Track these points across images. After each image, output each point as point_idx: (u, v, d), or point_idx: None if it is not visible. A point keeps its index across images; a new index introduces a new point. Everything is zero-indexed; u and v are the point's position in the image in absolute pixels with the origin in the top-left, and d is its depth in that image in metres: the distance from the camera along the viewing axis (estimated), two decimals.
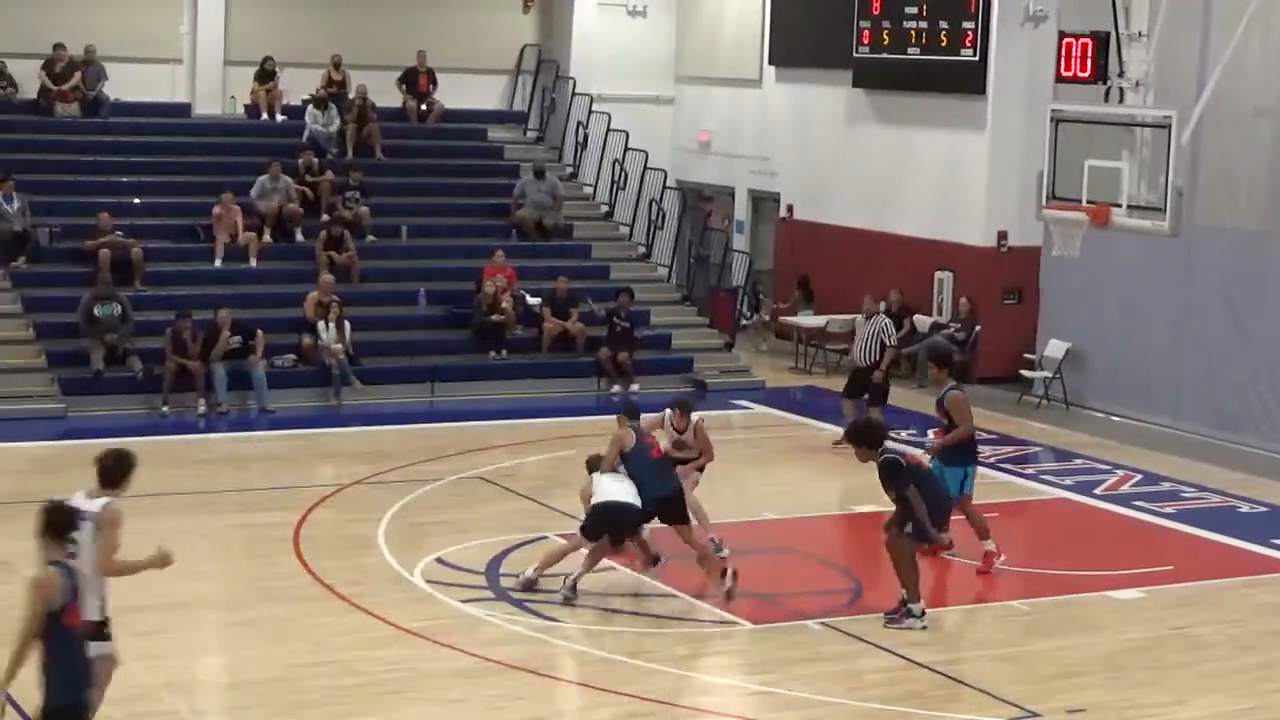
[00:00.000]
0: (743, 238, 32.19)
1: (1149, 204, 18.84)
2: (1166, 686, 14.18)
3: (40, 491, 18.52)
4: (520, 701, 13.32)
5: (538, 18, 33.09)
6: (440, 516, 18.84)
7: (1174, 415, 24.79)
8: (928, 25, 27.71)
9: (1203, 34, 23.14)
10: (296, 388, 24.79)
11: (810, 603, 16.23)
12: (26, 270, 25.64)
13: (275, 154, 28.18)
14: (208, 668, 14.39)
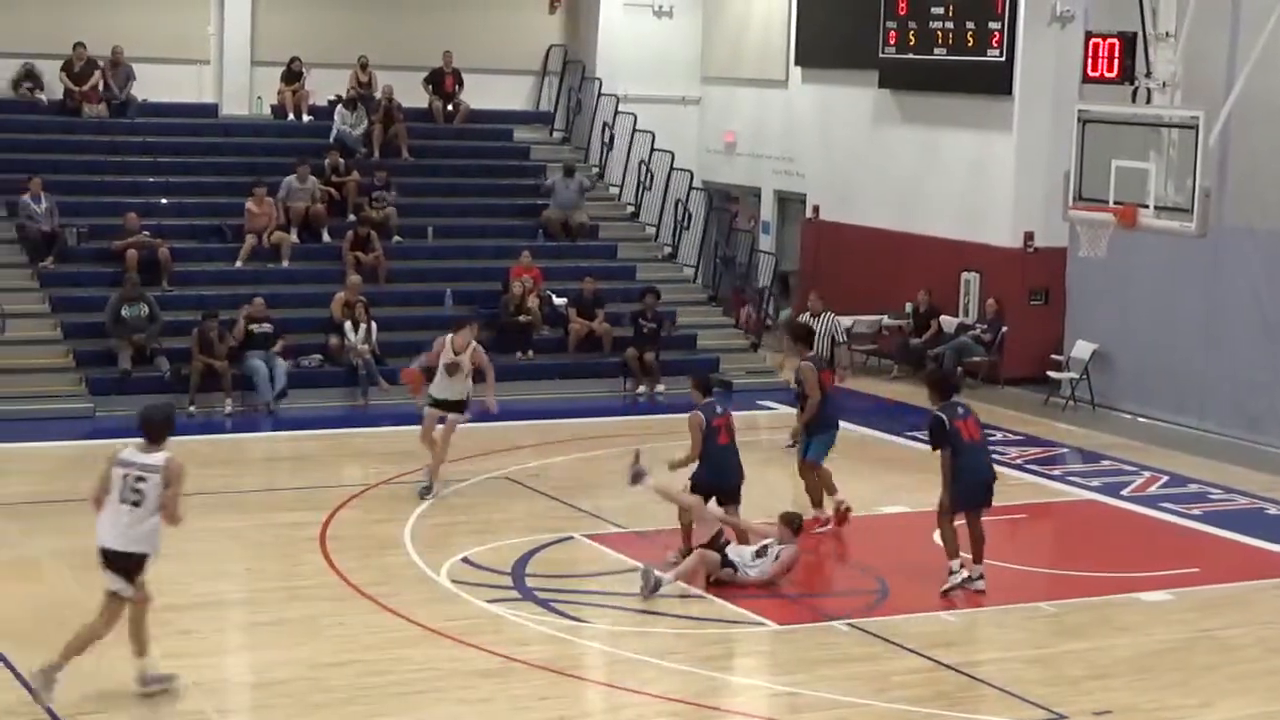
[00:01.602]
0: (768, 238, 32.17)
1: (1176, 205, 18.80)
2: (1194, 689, 14.13)
3: (68, 492, 18.69)
4: (545, 701, 13.31)
5: (563, 18, 33.11)
6: (466, 517, 18.85)
7: (1201, 416, 24.72)
8: (954, 26, 27.65)
9: (1230, 34, 23.08)
10: (323, 388, 24.83)
11: (837, 604, 16.22)
12: (54, 270, 25.72)
13: (302, 154, 28.23)
14: (234, 667, 14.41)
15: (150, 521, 12.70)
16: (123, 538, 12.81)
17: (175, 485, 12.62)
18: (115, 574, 12.92)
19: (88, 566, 16.50)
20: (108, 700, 12.97)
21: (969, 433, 16.24)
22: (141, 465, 12.64)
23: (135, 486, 12.61)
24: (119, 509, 12.76)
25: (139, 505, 12.58)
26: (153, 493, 12.60)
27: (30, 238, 25.85)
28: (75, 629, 12.88)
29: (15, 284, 25.38)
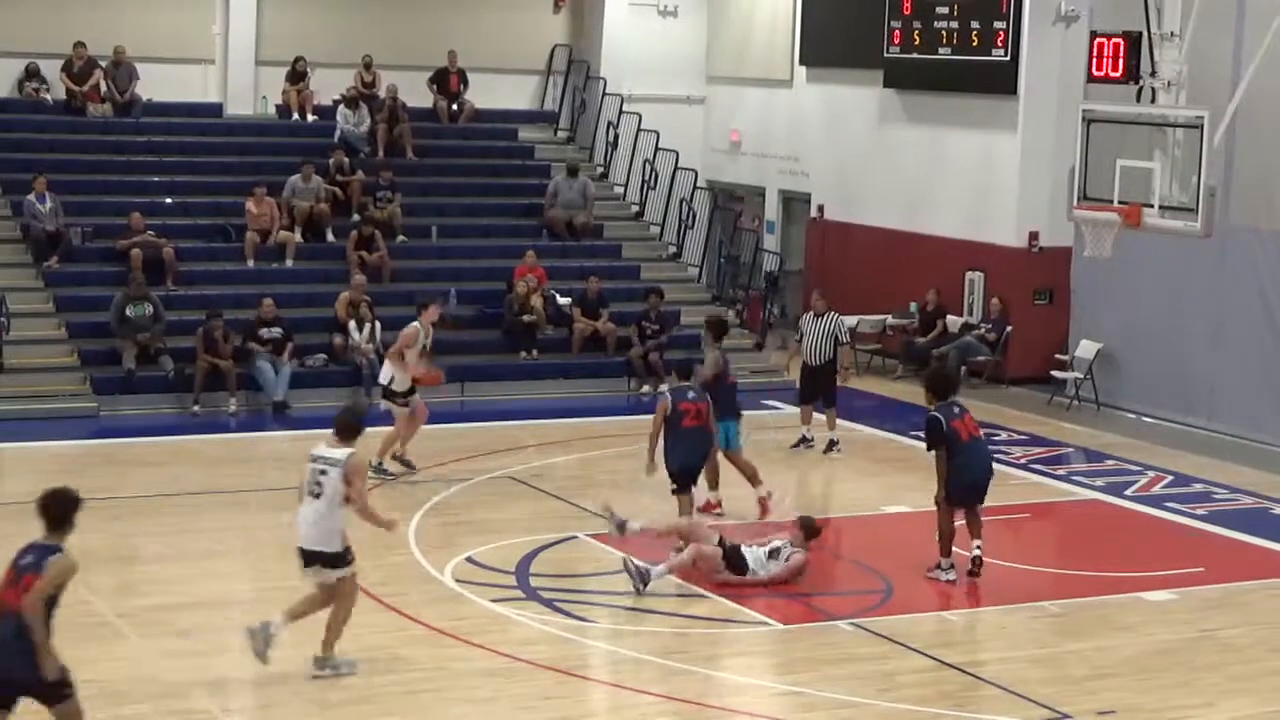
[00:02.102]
0: (773, 238, 32.17)
1: (1181, 204, 18.80)
2: (1198, 689, 14.13)
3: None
4: (549, 701, 13.32)
5: (568, 18, 33.11)
6: (470, 516, 18.86)
7: (1207, 416, 24.71)
8: (959, 25, 27.65)
9: (1235, 34, 23.08)
10: (327, 387, 24.84)
11: (841, 603, 16.22)
12: (59, 270, 25.74)
13: (307, 154, 28.25)
14: (238, 666, 14.40)
15: (333, 516, 13.24)
16: (313, 531, 13.34)
17: (357, 480, 13.26)
18: (319, 567, 13.42)
19: (89, 566, 16.54)
20: (108, 700, 12.97)
21: (968, 431, 16.42)
22: (325, 459, 13.34)
23: (317, 479, 13.29)
24: (306, 501, 13.43)
25: (318, 497, 13.25)
26: (330, 486, 13.21)
27: (35, 237, 25.87)
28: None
29: (20, 283, 25.40)
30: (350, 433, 13.56)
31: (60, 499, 11.10)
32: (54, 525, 11.00)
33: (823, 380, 22.33)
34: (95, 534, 17.63)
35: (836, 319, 22.56)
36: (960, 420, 16.40)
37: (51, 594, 10.66)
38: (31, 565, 10.72)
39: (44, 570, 10.64)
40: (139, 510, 18.54)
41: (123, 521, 18.14)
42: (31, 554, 10.83)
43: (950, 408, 16.48)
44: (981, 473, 16.60)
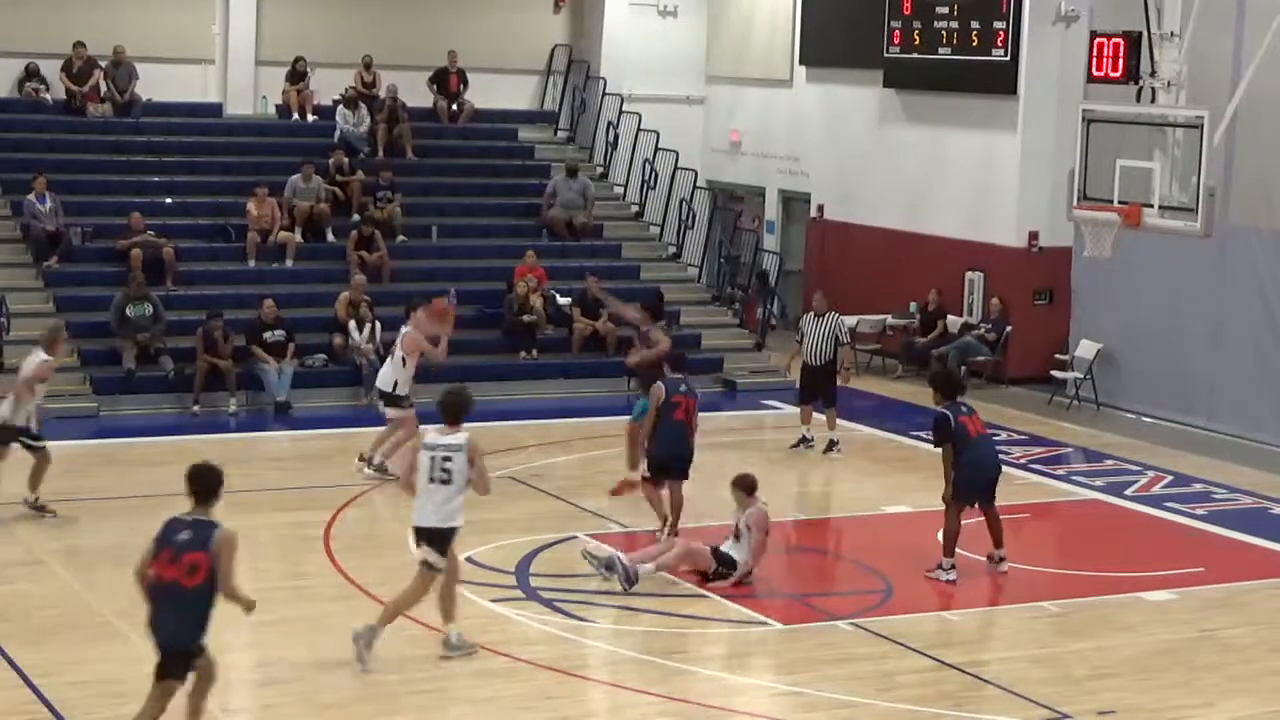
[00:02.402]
0: (773, 238, 32.17)
1: (1181, 204, 18.81)
2: (1197, 689, 14.14)
3: (73, 491, 18.72)
4: (550, 701, 13.32)
5: (568, 18, 33.11)
6: (470, 516, 18.73)
7: (1207, 416, 24.71)
8: (959, 25, 27.64)
9: (1235, 34, 23.08)
10: (327, 387, 24.85)
11: (841, 603, 16.22)
12: (59, 270, 25.74)
13: (307, 154, 28.25)
14: (238, 666, 14.39)
15: (458, 498, 13.81)
16: (436, 515, 13.84)
17: (479, 460, 13.86)
18: (429, 547, 13.90)
19: (89, 566, 16.62)
20: (108, 700, 12.97)
21: (975, 428, 16.60)
22: (446, 446, 13.84)
23: (443, 466, 13.77)
24: (429, 489, 13.84)
25: (448, 483, 13.76)
26: (458, 470, 13.77)
27: (35, 237, 25.86)
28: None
29: (20, 283, 25.39)
30: (458, 416, 14.07)
31: (206, 473, 11.49)
32: (201, 499, 11.39)
33: (823, 380, 22.32)
34: (95, 534, 17.71)
35: (837, 319, 22.55)
36: (969, 418, 16.62)
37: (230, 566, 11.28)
38: (192, 543, 11.14)
39: (212, 549, 11.14)
40: (139, 510, 18.49)
41: (123, 521, 18.12)
42: (188, 530, 11.22)
43: (958, 406, 16.65)
44: (990, 469, 16.79)
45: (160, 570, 11.19)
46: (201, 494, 11.39)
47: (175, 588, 11.13)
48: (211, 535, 11.17)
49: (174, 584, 11.13)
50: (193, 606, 11.20)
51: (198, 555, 11.11)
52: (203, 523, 11.27)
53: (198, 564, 11.11)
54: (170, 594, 11.16)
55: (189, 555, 11.12)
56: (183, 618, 11.22)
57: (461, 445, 13.85)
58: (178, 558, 11.13)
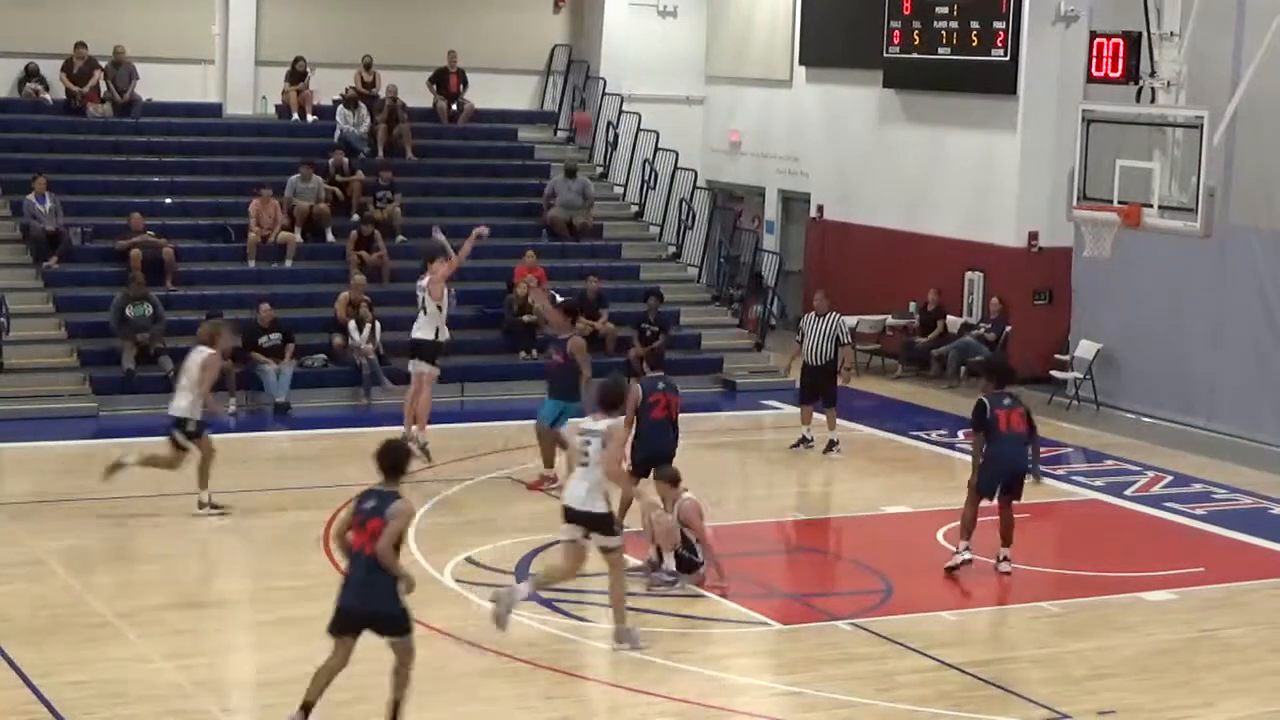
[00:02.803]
0: (773, 238, 32.17)
1: (1181, 204, 18.80)
2: (1197, 689, 14.14)
3: (72, 491, 18.71)
4: (550, 701, 13.32)
5: (568, 18, 33.11)
6: (470, 516, 18.85)
7: (1207, 416, 24.71)
8: (958, 25, 27.65)
9: (1235, 34, 23.08)
10: (327, 387, 24.84)
11: (841, 603, 16.22)
12: (58, 270, 25.73)
13: (306, 154, 28.24)
14: (238, 666, 14.42)
15: (596, 478, 14.34)
16: (578, 497, 14.41)
17: (614, 446, 14.43)
18: (597, 534, 14.44)
19: (89, 566, 16.62)
20: (108, 700, 12.98)
21: (1008, 423, 16.69)
22: (590, 431, 14.49)
23: (585, 449, 14.42)
24: (577, 471, 14.53)
25: (586, 465, 14.37)
26: (596, 453, 14.33)
27: (35, 237, 25.86)
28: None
29: (20, 284, 25.38)
30: (613, 405, 14.75)
31: (393, 450, 12.30)
32: (390, 473, 12.18)
33: (823, 380, 22.32)
34: (95, 534, 17.71)
35: (838, 319, 22.54)
36: (1005, 411, 16.71)
37: (399, 536, 11.97)
38: (374, 510, 11.96)
39: (388, 515, 11.86)
40: (139, 510, 18.53)
41: (123, 521, 18.15)
42: (373, 499, 12.06)
43: (1001, 397, 16.83)
44: (1008, 466, 16.80)
45: (354, 536, 12.14)
46: (388, 468, 12.20)
47: (362, 554, 12.03)
48: (390, 503, 11.98)
49: (360, 549, 12.04)
50: (377, 570, 11.94)
51: (378, 522, 11.94)
52: (386, 493, 12.10)
53: (378, 531, 11.91)
54: (358, 559, 12.07)
55: (372, 522, 11.99)
56: (366, 580, 12.01)
57: (601, 431, 14.43)
58: (364, 524, 12.03)
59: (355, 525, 12.12)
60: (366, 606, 12.06)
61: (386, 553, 11.88)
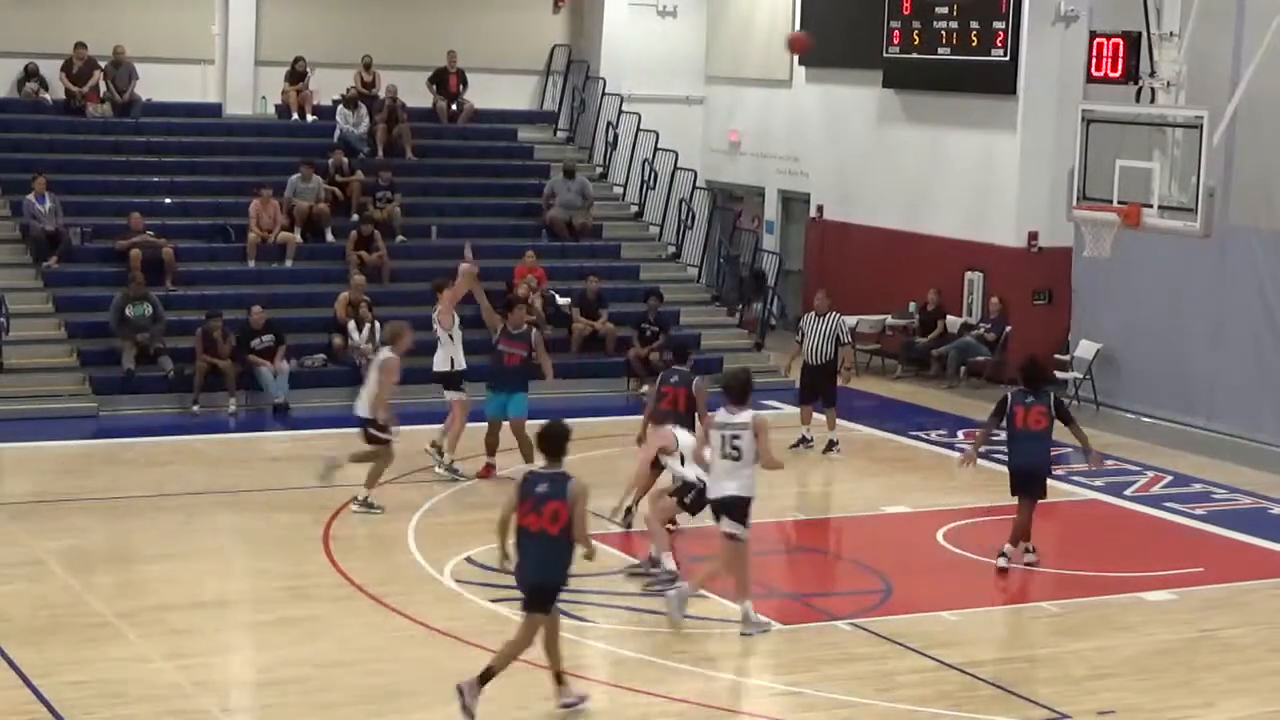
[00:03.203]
0: (772, 238, 32.17)
1: (1180, 204, 18.80)
2: (1197, 689, 14.14)
3: (72, 491, 18.73)
4: (549, 702, 13.30)
5: (568, 18, 33.11)
6: (470, 516, 18.84)
7: (1206, 416, 24.71)
8: (958, 25, 27.65)
9: (1235, 34, 23.08)
10: (327, 387, 24.84)
11: (840, 603, 16.22)
12: (58, 270, 25.73)
13: (306, 154, 28.25)
14: (238, 666, 14.43)
15: (747, 470, 14.86)
16: (726, 488, 14.90)
17: (764, 436, 14.86)
18: (728, 519, 14.95)
19: (89, 566, 16.62)
20: (108, 700, 12.98)
21: (1024, 421, 16.94)
22: (734, 425, 14.86)
23: (733, 444, 14.82)
24: (721, 464, 14.93)
25: (738, 459, 14.81)
26: (747, 446, 14.78)
27: (35, 237, 25.86)
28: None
29: (19, 284, 25.38)
30: (745, 396, 15.08)
31: (554, 432, 12.85)
32: (552, 455, 12.75)
33: (823, 380, 22.33)
34: (95, 534, 17.71)
35: (838, 319, 22.54)
36: (1024, 408, 16.95)
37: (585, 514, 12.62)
38: (550, 493, 12.51)
39: (570, 499, 12.47)
40: (139, 510, 18.54)
41: (123, 521, 18.16)
42: (543, 483, 12.60)
43: (1025, 395, 17.04)
44: (1019, 462, 17.13)
45: (525, 519, 12.57)
46: (552, 450, 12.75)
47: (542, 535, 12.50)
48: (567, 486, 12.51)
49: (541, 532, 12.50)
50: (556, 550, 12.57)
51: (557, 504, 12.46)
52: (558, 475, 12.63)
53: (558, 512, 12.45)
54: (537, 540, 12.54)
55: (550, 504, 12.47)
56: (548, 560, 12.59)
57: (748, 424, 14.84)
58: (539, 507, 12.48)
59: (528, 509, 12.55)
60: (541, 580, 12.66)
61: (583, 535, 12.56)
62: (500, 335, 20.31)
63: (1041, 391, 17.16)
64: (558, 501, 12.48)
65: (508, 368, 20.20)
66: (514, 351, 20.20)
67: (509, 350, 20.20)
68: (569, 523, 12.49)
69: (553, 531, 12.49)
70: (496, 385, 20.27)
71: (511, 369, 20.19)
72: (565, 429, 12.91)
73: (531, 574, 12.71)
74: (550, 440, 12.80)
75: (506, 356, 20.20)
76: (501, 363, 20.25)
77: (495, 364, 20.37)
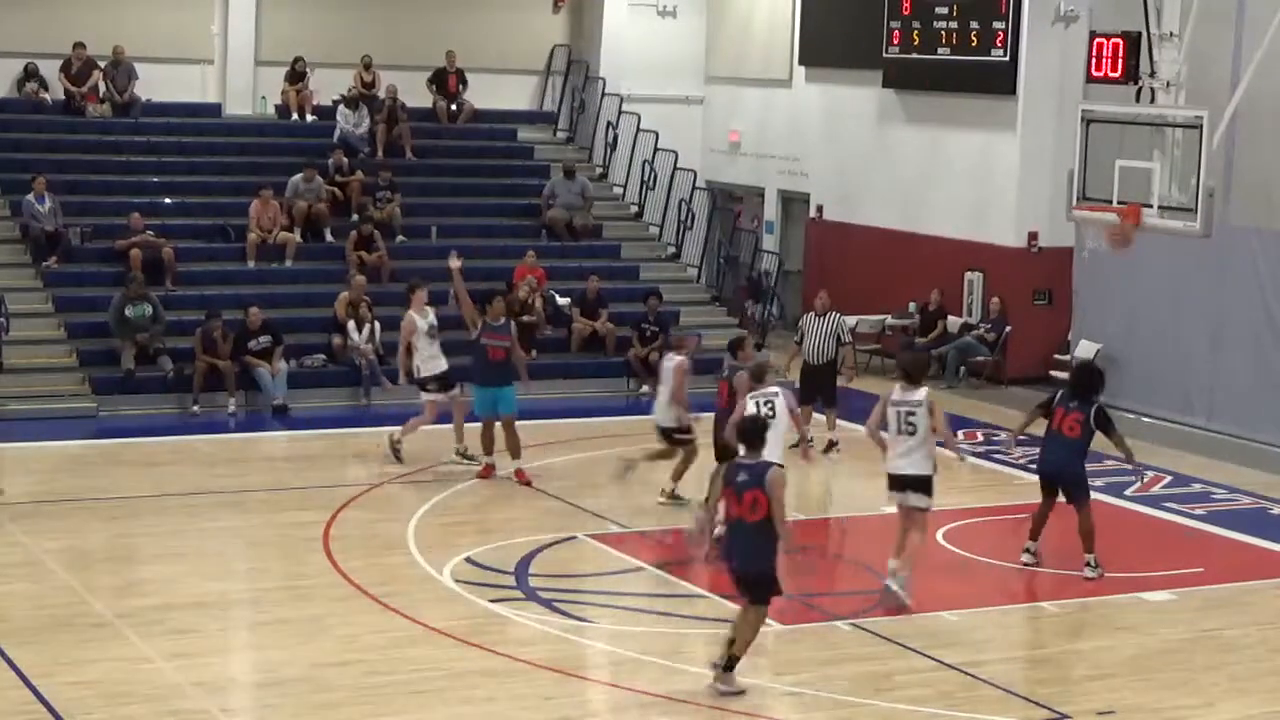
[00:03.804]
0: (772, 238, 32.17)
1: (1180, 205, 18.77)
2: (1196, 689, 14.13)
3: (71, 491, 18.71)
4: (549, 701, 13.32)
5: (568, 18, 33.11)
6: (469, 516, 18.86)
7: (1206, 416, 24.69)
8: (958, 25, 27.65)
9: (1235, 34, 23.06)
10: (326, 387, 24.84)
11: (841, 603, 16.22)
12: (58, 270, 25.73)
13: (306, 154, 28.26)
14: (237, 666, 14.42)
15: (923, 448, 15.70)
16: (904, 465, 15.77)
17: (938, 413, 15.77)
18: (914, 493, 15.81)
19: (89, 566, 16.62)
20: (108, 699, 12.98)
21: (1059, 423, 17.17)
22: (910, 402, 15.70)
23: (908, 420, 15.66)
24: (898, 439, 15.76)
25: (913, 435, 15.66)
26: (921, 423, 15.63)
27: (34, 237, 25.87)
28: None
29: (19, 284, 25.38)
30: (919, 374, 16.07)
31: (753, 426, 13.56)
32: (751, 446, 13.28)
33: (823, 380, 22.32)
34: (95, 534, 17.71)
35: (838, 319, 22.54)
36: (1064, 410, 17.13)
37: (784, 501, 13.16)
38: (749, 482, 13.06)
39: (768, 488, 12.98)
40: (139, 510, 18.54)
41: (123, 521, 18.16)
42: (743, 472, 13.15)
43: (1069, 398, 17.20)
44: (1045, 460, 17.46)
45: (729, 508, 13.22)
46: (749, 441, 13.29)
47: (741, 523, 13.08)
48: (765, 475, 13.02)
49: (739, 519, 13.09)
50: (757, 536, 13.05)
51: (756, 492, 12.97)
52: (756, 465, 13.15)
53: (757, 500, 12.95)
54: (739, 528, 13.13)
55: (748, 493, 13.02)
56: (751, 547, 13.11)
57: (922, 401, 15.66)
58: (740, 496, 13.04)
59: (730, 497, 13.13)
60: (749, 568, 13.19)
61: (781, 522, 13.00)
62: (481, 330, 20.26)
63: (1087, 400, 17.16)
64: (756, 489, 12.97)
65: (492, 361, 20.19)
66: (498, 344, 20.20)
67: (492, 344, 20.19)
68: (769, 510, 12.95)
69: (752, 519, 13.00)
70: (484, 381, 20.24)
71: (497, 363, 20.21)
72: (764, 425, 13.72)
73: (740, 563, 13.30)
74: (749, 433, 13.38)
75: (490, 350, 20.18)
76: (486, 357, 20.22)
77: (479, 359, 20.32)
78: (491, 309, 20.39)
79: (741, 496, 13.06)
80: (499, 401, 20.16)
